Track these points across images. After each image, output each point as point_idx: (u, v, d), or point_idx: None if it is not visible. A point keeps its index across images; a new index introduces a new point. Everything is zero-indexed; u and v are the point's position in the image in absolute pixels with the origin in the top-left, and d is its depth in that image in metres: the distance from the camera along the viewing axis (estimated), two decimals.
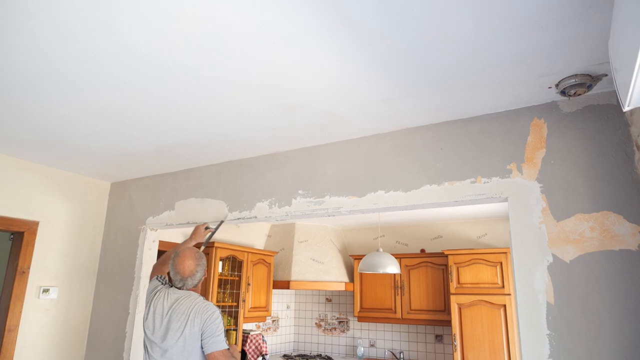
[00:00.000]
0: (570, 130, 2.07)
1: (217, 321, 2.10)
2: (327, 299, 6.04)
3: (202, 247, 2.90)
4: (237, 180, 3.07)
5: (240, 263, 4.83)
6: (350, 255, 5.77)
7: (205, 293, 4.25)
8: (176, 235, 4.47)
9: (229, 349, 2.09)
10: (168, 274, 2.43)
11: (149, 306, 2.24)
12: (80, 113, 2.39)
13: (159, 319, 2.16)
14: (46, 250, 3.35)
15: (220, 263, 4.50)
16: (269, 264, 5.29)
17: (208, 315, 2.10)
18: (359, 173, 2.59)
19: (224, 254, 4.50)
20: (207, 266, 4.32)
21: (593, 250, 1.91)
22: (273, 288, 5.33)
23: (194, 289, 2.29)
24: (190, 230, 4.62)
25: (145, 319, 2.22)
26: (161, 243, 3.91)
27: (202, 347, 2.07)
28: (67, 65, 1.89)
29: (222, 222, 2.98)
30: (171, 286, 2.32)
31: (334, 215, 2.70)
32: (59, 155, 3.14)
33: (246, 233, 5.46)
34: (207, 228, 2.94)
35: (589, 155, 2.00)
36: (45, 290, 3.30)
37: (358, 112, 2.32)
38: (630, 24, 1.05)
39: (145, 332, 2.20)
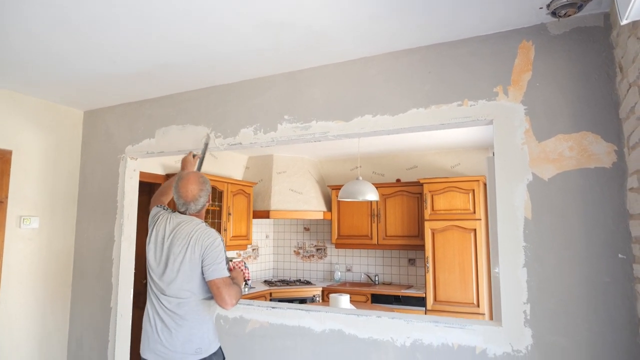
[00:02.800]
0: (557, 53, 2.10)
1: (219, 248, 2.05)
2: (305, 228, 6.22)
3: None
4: (220, 106, 3.01)
5: (221, 193, 4.87)
6: (328, 186, 5.88)
7: None
8: (156, 167, 4.43)
9: (229, 276, 2.07)
10: (171, 201, 2.38)
11: (151, 230, 2.21)
12: (51, 29, 2.24)
13: (160, 243, 2.13)
14: (23, 180, 3.27)
15: None
16: (249, 194, 5.35)
17: (209, 242, 2.04)
18: (346, 97, 2.59)
19: None
20: None
21: (570, 168, 2.03)
22: (253, 218, 5.44)
23: (197, 214, 2.22)
24: (171, 158, 4.58)
25: (147, 243, 2.19)
26: (141, 174, 3.87)
27: (202, 274, 2.05)
28: None
29: (206, 144, 2.94)
30: (173, 212, 2.26)
31: (320, 141, 2.72)
32: (28, 79, 2.97)
33: (224, 164, 5.45)
34: (194, 156, 2.86)
35: (573, 77, 2.06)
36: (26, 220, 3.26)
37: (345, 31, 2.26)
38: None
39: (147, 258, 2.18)
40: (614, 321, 1.88)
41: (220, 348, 2.16)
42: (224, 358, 2.16)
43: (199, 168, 2.87)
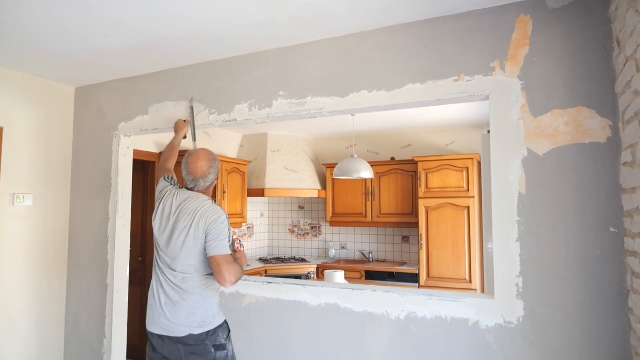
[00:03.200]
0: (555, 27, 2.09)
1: (222, 226, 2.05)
2: (299, 206, 6.24)
3: (194, 140, 2.88)
4: (215, 82, 2.97)
5: None
6: (322, 164, 5.88)
7: None
8: (149, 145, 4.40)
9: (231, 254, 2.07)
10: (178, 173, 2.38)
11: (158, 205, 2.21)
12: (41, 1, 2.19)
13: (166, 218, 2.14)
14: (15, 157, 3.23)
15: None
16: (243, 172, 5.34)
17: (214, 219, 2.04)
18: (342, 73, 2.57)
19: None
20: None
21: (565, 144, 2.04)
22: (248, 196, 5.45)
23: (204, 191, 2.21)
24: (165, 136, 4.55)
25: (154, 218, 2.19)
26: (135, 152, 3.85)
27: (205, 250, 2.06)
28: None
29: (191, 107, 2.96)
30: (181, 187, 2.27)
31: (315, 117, 2.71)
32: (17, 54, 2.91)
33: (218, 142, 5.42)
34: (184, 121, 2.91)
35: (570, 52, 2.05)
36: (19, 197, 3.24)
37: (341, 3, 2.22)
38: None
39: (154, 231, 2.18)
40: (604, 293, 1.92)
41: (225, 321, 2.18)
42: (229, 331, 2.17)
43: (194, 132, 2.88)
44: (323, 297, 2.57)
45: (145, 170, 4.58)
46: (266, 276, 5.22)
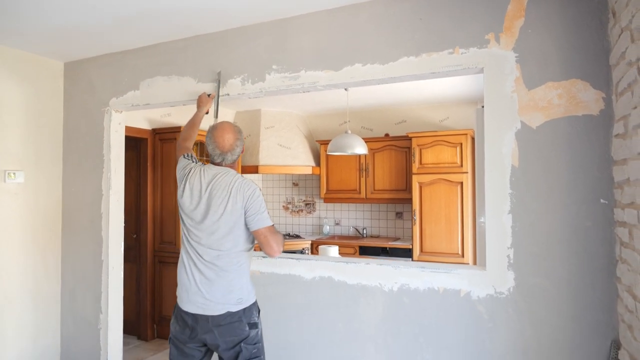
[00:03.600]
0: None
1: (260, 198, 2.05)
2: (293, 183, 6.25)
3: (216, 117, 2.81)
4: (207, 56, 2.93)
5: None
6: (316, 141, 5.87)
7: None
8: (141, 121, 4.35)
9: (273, 225, 2.09)
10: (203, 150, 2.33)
11: (184, 184, 2.13)
12: None
13: (197, 196, 2.08)
14: (4, 134, 3.19)
15: None
16: None
17: (250, 193, 2.03)
18: (336, 46, 2.53)
19: None
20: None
21: (558, 116, 2.04)
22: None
23: (231, 165, 2.16)
24: (157, 112, 4.51)
25: (180, 197, 2.12)
26: (127, 129, 3.80)
27: (246, 225, 2.05)
28: None
29: (218, 80, 2.85)
30: (204, 164, 2.21)
31: (309, 91, 2.69)
32: (2, 28, 2.84)
33: (211, 120, 5.36)
34: (209, 95, 2.82)
35: (565, 24, 2.04)
36: (11, 174, 3.21)
37: None
38: None
39: (182, 211, 2.12)
40: (593, 263, 1.96)
41: (256, 299, 2.16)
42: (259, 310, 2.16)
43: (217, 107, 2.81)
44: (317, 270, 2.60)
45: (137, 147, 4.55)
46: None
